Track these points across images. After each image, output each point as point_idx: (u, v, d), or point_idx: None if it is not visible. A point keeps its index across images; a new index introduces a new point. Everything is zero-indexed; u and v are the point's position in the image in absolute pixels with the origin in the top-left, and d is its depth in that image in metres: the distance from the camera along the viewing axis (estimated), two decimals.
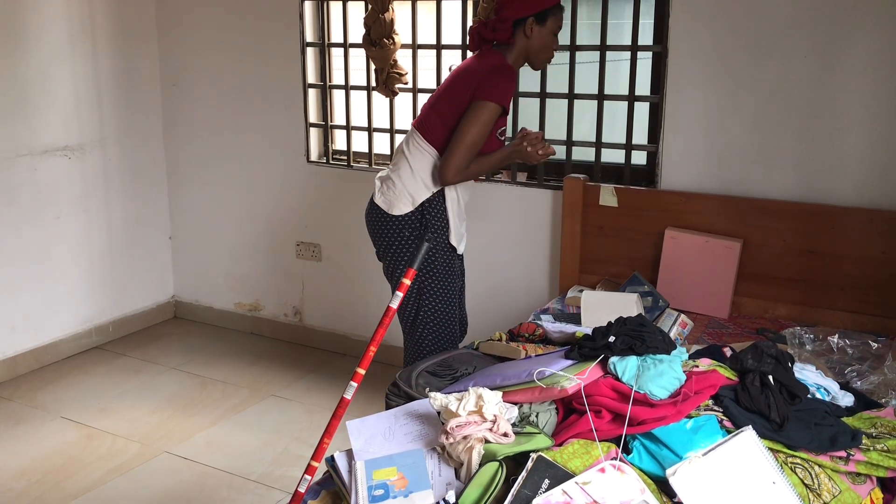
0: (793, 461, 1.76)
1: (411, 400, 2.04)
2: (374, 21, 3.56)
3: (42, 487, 3.03)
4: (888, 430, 1.88)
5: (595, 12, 3.40)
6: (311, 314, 4.31)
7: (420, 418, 1.88)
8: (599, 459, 1.64)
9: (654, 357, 1.86)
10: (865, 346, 2.59)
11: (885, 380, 2.32)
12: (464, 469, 1.67)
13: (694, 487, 1.59)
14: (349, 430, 1.85)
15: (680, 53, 3.17)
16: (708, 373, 1.87)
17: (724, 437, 1.73)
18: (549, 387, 1.82)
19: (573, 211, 3.35)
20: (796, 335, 2.64)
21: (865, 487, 1.79)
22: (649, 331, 1.92)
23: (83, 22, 4.07)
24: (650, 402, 1.76)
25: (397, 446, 1.78)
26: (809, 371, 2.09)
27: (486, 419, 1.70)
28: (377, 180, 2.90)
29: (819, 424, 1.83)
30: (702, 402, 1.80)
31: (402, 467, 1.69)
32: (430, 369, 2.25)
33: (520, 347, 2.37)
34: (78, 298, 4.22)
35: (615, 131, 3.44)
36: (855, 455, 1.79)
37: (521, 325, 2.61)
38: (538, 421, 1.83)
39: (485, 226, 3.64)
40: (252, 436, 3.39)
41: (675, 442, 1.70)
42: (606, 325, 1.98)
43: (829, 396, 2.03)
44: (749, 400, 1.82)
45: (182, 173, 4.55)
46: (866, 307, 2.92)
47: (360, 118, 3.99)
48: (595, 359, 1.89)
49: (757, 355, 1.90)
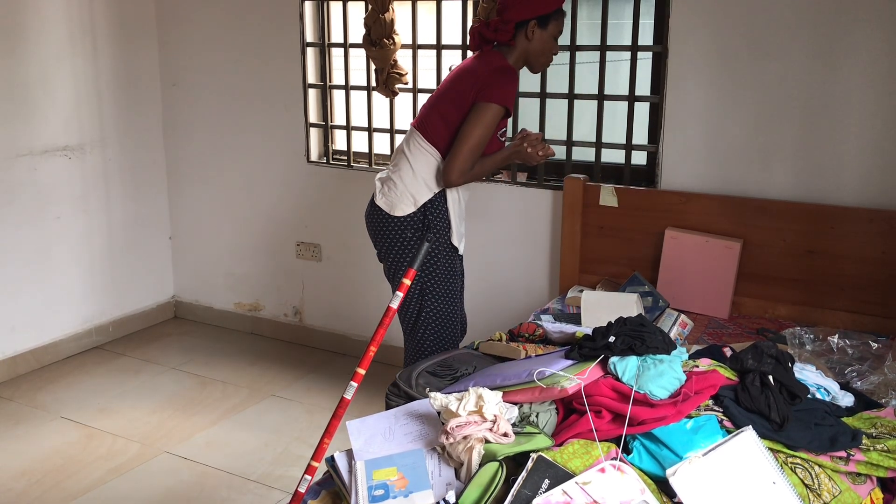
0: (793, 461, 1.76)
1: (411, 400, 2.04)
2: (374, 21, 3.56)
3: (42, 487, 3.03)
4: (888, 430, 1.88)
5: (595, 12, 3.40)
6: (311, 314, 4.32)
7: (420, 418, 1.87)
8: (599, 459, 1.64)
9: (655, 357, 1.86)
10: (865, 346, 2.59)
11: (885, 380, 2.32)
12: (464, 469, 1.67)
13: (694, 487, 1.59)
14: (349, 430, 1.84)
15: (680, 53, 3.17)
16: (708, 373, 1.87)
17: (724, 437, 1.73)
18: (549, 387, 1.82)
19: (573, 211, 3.35)
20: (796, 335, 2.64)
21: (865, 487, 1.79)
22: (649, 331, 1.92)
23: (83, 22, 4.07)
24: (650, 402, 1.76)
25: (397, 446, 1.78)
26: (809, 371, 2.09)
27: (487, 419, 1.70)
28: (377, 181, 2.89)
29: (819, 424, 1.83)
30: (702, 403, 1.80)
31: (402, 467, 1.69)
32: (430, 369, 2.25)
33: (520, 347, 2.37)
34: (78, 298, 4.22)
35: (615, 131, 3.44)
36: (855, 455, 1.79)
37: (521, 325, 2.61)
38: (538, 421, 1.83)
39: (485, 226, 3.64)
40: (252, 436, 3.39)
41: (675, 442, 1.70)
42: (606, 326, 1.98)
43: (830, 396, 2.03)
44: (749, 400, 1.82)
45: (182, 173, 4.55)
46: (866, 307, 2.92)
47: (360, 118, 3.99)
48: (595, 359, 1.89)
49: (757, 355, 1.90)
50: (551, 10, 2.76)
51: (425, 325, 2.86)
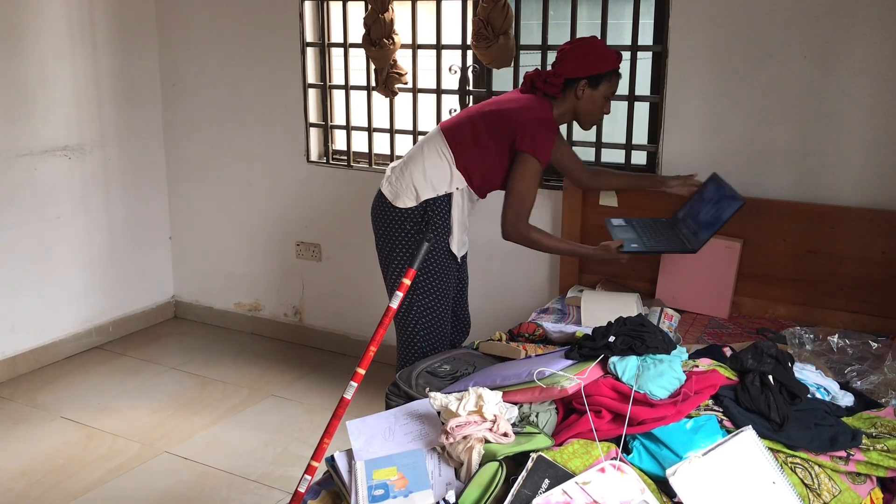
0: (793, 461, 1.76)
1: (411, 400, 2.04)
2: (374, 21, 3.56)
3: (42, 487, 3.03)
4: (888, 429, 1.88)
5: (595, 12, 3.40)
6: (311, 314, 4.32)
7: (420, 418, 1.87)
8: (599, 459, 1.64)
9: (654, 357, 1.86)
10: (865, 346, 2.59)
11: (884, 379, 2.32)
12: (464, 469, 1.67)
13: (694, 487, 1.59)
14: (349, 430, 1.84)
15: (680, 53, 3.17)
16: (708, 373, 1.87)
17: (724, 437, 1.72)
18: (549, 387, 1.82)
19: (573, 211, 3.35)
20: (796, 335, 2.64)
21: (865, 487, 1.78)
22: (649, 330, 1.92)
23: (83, 22, 4.07)
24: (650, 402, 1.76)
25: (397, 446, 1.78)
26: (809, 371, 2.09)
27: (486, 419, 1.70)
28: (388, 170, 2.90)
29: (819, 424, 1.83)
30: (702, 402, 1.80)
31: (402, 467, 1.69)
32: (430, 369, 2.25)
33: (520, 347, 2.37)
34: (78, 298, 4.22)
35: (615, 131, 3.44)
36: (855, 455, 1.79)
37: (521, 325, 2.61)
38: (538, 421, 1.83)
39: (486, 226, 3.63)
40: (252, 436, 3.39)
41: (675, 442, 1.70)
42: (606, 325, 1.97)
43: (829, 396, 2.03)
44: (749, 400, 1.81)
45: (182, 173, 4.55)
46: (866, 307, 2.92)
47: (360, 118, 3.99)
48: (595, 359, 1.89)
49: (757, 355, 1.90)
50: (605, 70, 2.75)
51: (415, 322, 2.85)
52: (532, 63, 3.53)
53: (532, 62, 3.54)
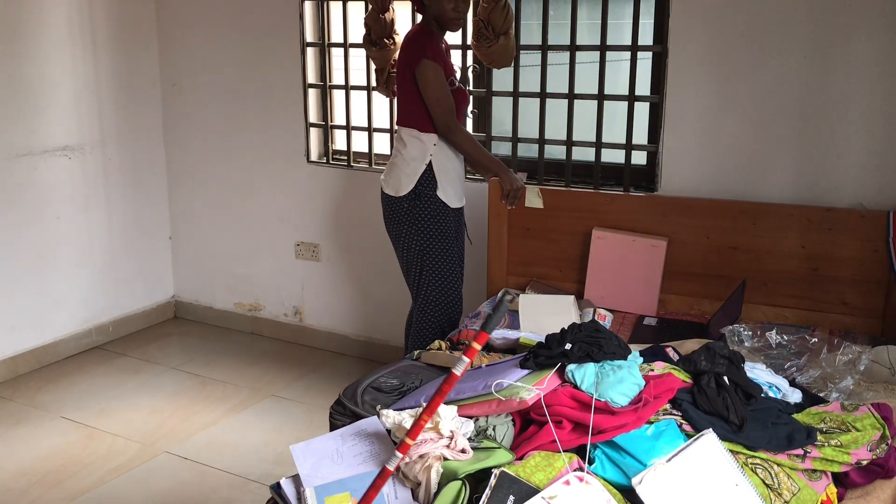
0: (753, 462, 1.75)
1: (358, 418, 1.93)
2: (374, 21, 3.56)
3: (42, 487, 3.03)
4: (836, 424, 1.88)
5: (595, 12, 3.40)
6: (311, 314, 4.31)
7: (369, 437, 1.76)
8: (563, 471, 1.59)
9: (612, 363, 1.82)
10: (802, 341, 2.59)
11: (823, 373, 2.34)
12: (422, 489, 1.60)
13: (660, 495, 1.57)
14: (294, 454, 1.72)
15: (680, 53, 3.17)
16: (664, 376, 1.84)
17: (685, 441, 1.70)
18: (507, 398, 1.75)
19: (499, 213, 3.35)
20: (735, 332, 2.60)
21: (822, 483, 1.78)
22: (605, 336, 1.89)
23: (83, 22, 4.07)
24: (611, 410, 1.72)
25: (348, 469, 1.66)
26: (760, 370, 2.08)
27: (443, 435, 1.63)
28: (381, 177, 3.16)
29: (775, 423, 1.82)
30: (661, 407, 1.77)
31: (355, 492, 1.59)
32: (376, 384, 2.15)
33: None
34: (78, 298, 4.22)
35: (615, 131, 3.44)
36: (811, 452, 1.79)
37: (461, 331, 2.56)
38: (496, 434, 1.76)
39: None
40: (252, 436, 3.39)
41: (638, 449, 1.67)
42: (561, 332, 1.92)
43: (780, 394, 2.03)
44: (707, 402, 1.80)
45: (182, 173, 4.55)
46: (788, 301, 2.97)
47: (360, 118, 3.99)
48: (552, 367, 1.84)
49: (710, 356, 1.89)
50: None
51: (428, 285, 3.07)
52: (532, 63, 3.53)
53: (532, 62, 3.54)
